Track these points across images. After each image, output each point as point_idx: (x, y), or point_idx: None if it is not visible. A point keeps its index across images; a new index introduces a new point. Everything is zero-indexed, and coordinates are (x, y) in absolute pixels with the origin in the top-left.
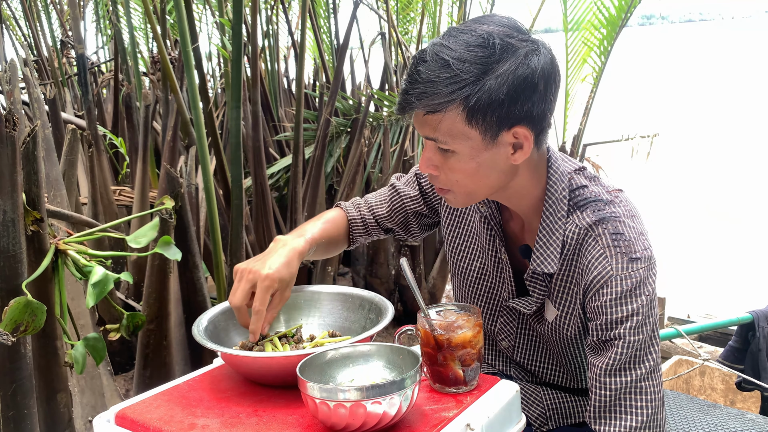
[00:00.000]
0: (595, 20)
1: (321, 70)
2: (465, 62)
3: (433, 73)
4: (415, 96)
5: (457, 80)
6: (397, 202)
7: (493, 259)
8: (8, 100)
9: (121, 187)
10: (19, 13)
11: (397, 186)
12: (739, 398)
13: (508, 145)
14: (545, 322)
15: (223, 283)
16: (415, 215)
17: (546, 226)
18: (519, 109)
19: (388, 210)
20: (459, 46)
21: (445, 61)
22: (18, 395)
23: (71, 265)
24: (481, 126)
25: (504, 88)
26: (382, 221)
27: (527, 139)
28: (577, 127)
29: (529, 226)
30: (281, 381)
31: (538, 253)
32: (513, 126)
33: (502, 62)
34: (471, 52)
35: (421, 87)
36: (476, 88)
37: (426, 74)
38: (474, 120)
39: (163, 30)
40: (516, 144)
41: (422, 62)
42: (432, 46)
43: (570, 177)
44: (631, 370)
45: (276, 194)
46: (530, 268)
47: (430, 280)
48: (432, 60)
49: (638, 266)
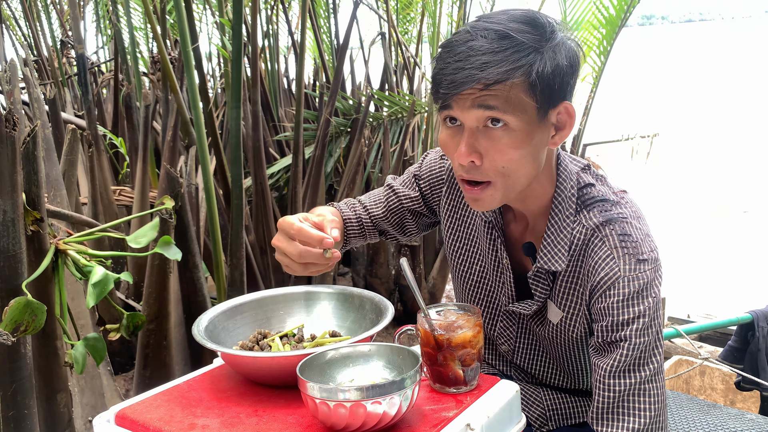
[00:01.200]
0: (594, 20)
1: (321, 70)
2: (525, 33)
3: (492, 44)
4: (477, 68)
5: (522, 47)
6: (394, 202)
7: (494, 262)
8: (8, 100)
9: (121, 187)
10: (19, 13)
11: (395, 186)
12: (739, 398)
13: (551, 126)
14: (548, 325)
15: (223, 283)
16: (413, 214)
17: (554, 224)
18: (573, 82)
19: (385, 210)
20: (510, 21)
21: (503, 32)
22: (18, 395)
23: (71, 265)
24: (539, 97)
25: (565, 55)
26: (378, 222)
27: (571, 117)
28: (577, 127)
29: (533, 227)
30: (281, 381)
31: (545, 250)
32: (561, 101)
33: (556, 33)
34: (526, 24)
35: (483, 58)
36: (540, 55)
37: (484, 46)
38: (534, 89)
39: (163, 30)
40: (558, 124)
41: (469, 39)
42: (476, 25)
43: (577, 175)
44: (635, 372)
45: (276, 194)
46: (536, 266)
47: (430, 280)
48: (484, 35)
49: (645, 268)
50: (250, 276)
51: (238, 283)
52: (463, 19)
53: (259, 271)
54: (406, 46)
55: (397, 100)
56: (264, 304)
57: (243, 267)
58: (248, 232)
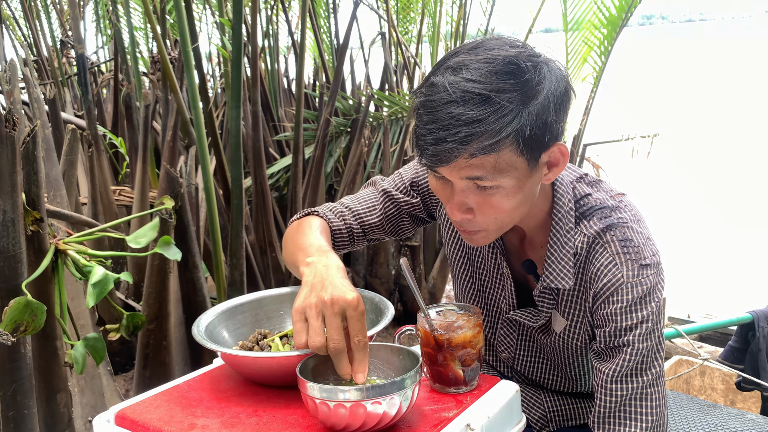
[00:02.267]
0: (595, 20)
1: (321, 70)
2: (506, 92)
3: (473, 111)
4: (459, 141)
5: (505, 112)
6: (391, 209)
7: (495, 272)
8: (8, 100)
9: (121, 187)
10: (19, 13)
11: (391, 192)
12: (739, 398)
13: (543, 166)
14: (552, 334)
15: (223, 283)
16: (411, 218)
17: (556, 241)
18: (559, 125)
19: (381, 218)
20: (488, 77)
21: (485, 96)
22: (18, 395)
23: (71, 265)
24: (528, 153)
25: (551, 107)
26: (371, 231)
27: (564, 155)
28: (577, 127)
29: (531, 239)
30: (281, 381)
31: (550, 269)
32: (552, 145)
33: (542, 82)
34: (506, 80)
35: (465, 130)
36: (526, 116)
37: (464, 114)
38: (525, 149)
39: (163, 30)
40: (551, 161)
41: (451, 101)
42: (453, 83)
43: (573, 187)
44: (637, 377)
45: (276, 194)
46: (541, 284)
47: (430, 280)
48: (465, 98)
49: (648, 272)
50: (250, 276)
51: (238, 283)
52: (463, 19)
53: (259, 271)
54: (406, 46)
55: (397, 100)
56: (264, 304)
57: (243, 267)
58: (248, 232)
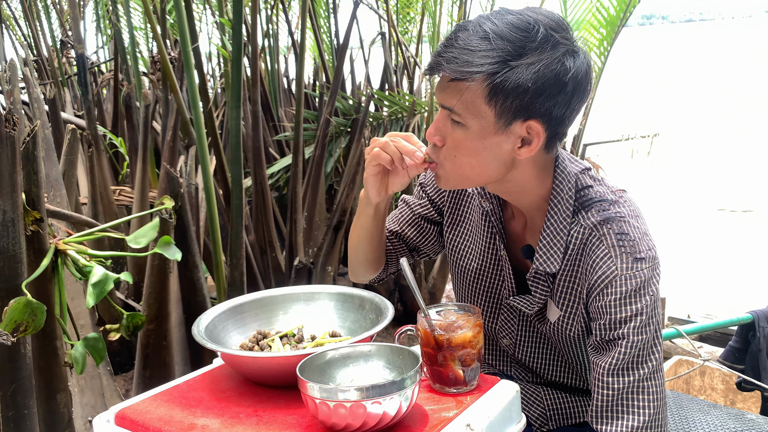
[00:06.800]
0: (594, 20)
1: (321, 70)
2: (503, 39)
3: (470, 41)
4: (446, 59)
5: (490, 54)
6: (406, 212)
7: (493, 257)
8: (8, 100)
9: (121, 187)
10: (19, 13)
11: (407, 199)
12: (740, 398)
13: (517, 137)
14: (547, 322)
15: (223, 283)
16: (427, 221)
17: (550, 225)
18: (541, 103)
19: (399, 223)
20: (503, 23)
21: (485, 32)
22: (18, 395)
23: (71, 265)
24: (499, 108)
25: (532, 76)
26: (398, 239)
27: (538, 136)
28: (577, 127)
29: (531, 225)
30: (281, 381)
31: (541, 252)
32: (529, 119)
33: (538, 51)
34: (512, 31)
35: (455, 52)
36: (506, 67)
37: (463, 41)
38: (494, 99)
39: (163, 30)
40: (526, 138)
41: (463, 30)
42: (477, 18)
43: (576, 177)
44: (634, 370)
45: (276, 194)
46: (533, 268)
47: (430, 280)
48: (473, 30)
49: (643, 266)
50: (250, 276)
51: (238, 283)
52: (463, 19)
53: (259, 271)
54: (406, 46)
55: (397, 100)
56: (264, 304)
57: (243, 267)
58: (248, 232)
